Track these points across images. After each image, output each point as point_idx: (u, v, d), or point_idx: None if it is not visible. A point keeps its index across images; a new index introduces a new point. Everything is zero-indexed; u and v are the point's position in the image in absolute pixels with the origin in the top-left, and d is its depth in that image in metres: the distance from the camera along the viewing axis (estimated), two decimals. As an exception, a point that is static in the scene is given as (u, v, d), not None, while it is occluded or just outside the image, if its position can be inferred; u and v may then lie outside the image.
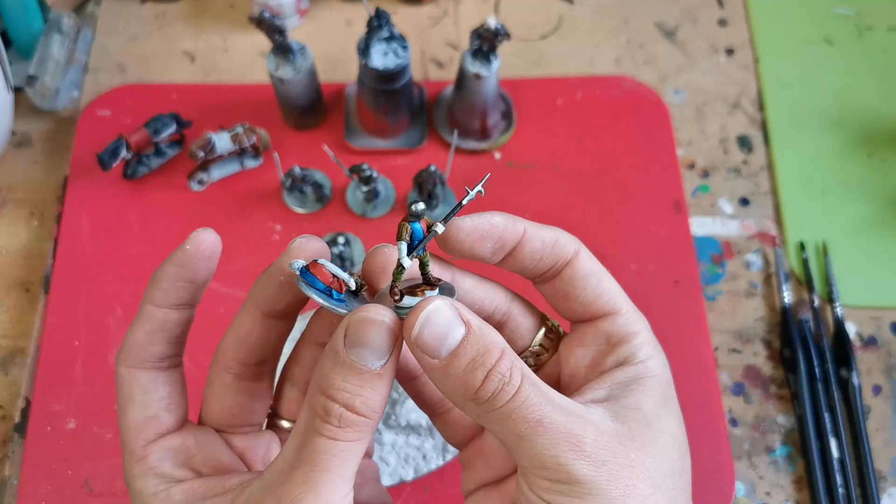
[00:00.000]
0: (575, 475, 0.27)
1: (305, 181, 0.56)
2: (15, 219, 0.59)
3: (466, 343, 0.27)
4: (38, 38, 0.61)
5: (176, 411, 0.34)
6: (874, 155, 0.62)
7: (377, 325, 0.27)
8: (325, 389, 0.28)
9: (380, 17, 0.52)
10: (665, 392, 0.31)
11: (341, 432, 0.27)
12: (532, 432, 0.27)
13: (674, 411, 0.31)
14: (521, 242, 0.32)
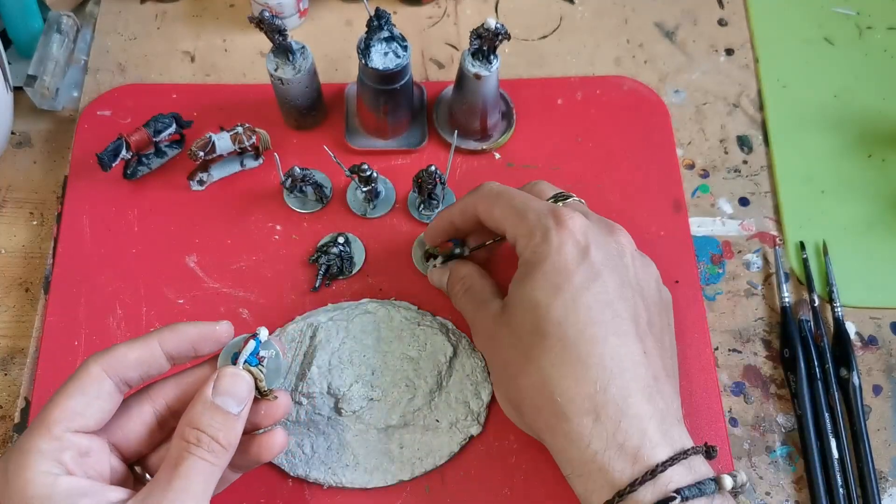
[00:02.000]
0: (476, 346, 0.48)
1: (306, 181, 0.56)
2: (15, 219, 0.59)
3: (448, 283, 0.52)
4: (37, 38, 0.61)
5: (101, 425, 0.38)
6: (874, 155, 0.62)
7: (241, 381, 0.38)
8: (197, 425, 0.36)
9: (380, 17, 0.52)
10: (530, 269, 0.42)
11: (209, 455, 0.36)
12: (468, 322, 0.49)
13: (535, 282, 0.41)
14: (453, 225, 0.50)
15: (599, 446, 0.38)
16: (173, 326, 0.40)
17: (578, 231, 0.41)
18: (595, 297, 0.40)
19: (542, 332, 0.40)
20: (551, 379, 0.39)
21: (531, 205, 0.43)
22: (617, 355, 0.39)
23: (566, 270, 0.40)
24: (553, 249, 0.41)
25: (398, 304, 0.54)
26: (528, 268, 0.41)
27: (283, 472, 0.50)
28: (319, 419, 0.49)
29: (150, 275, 0.55)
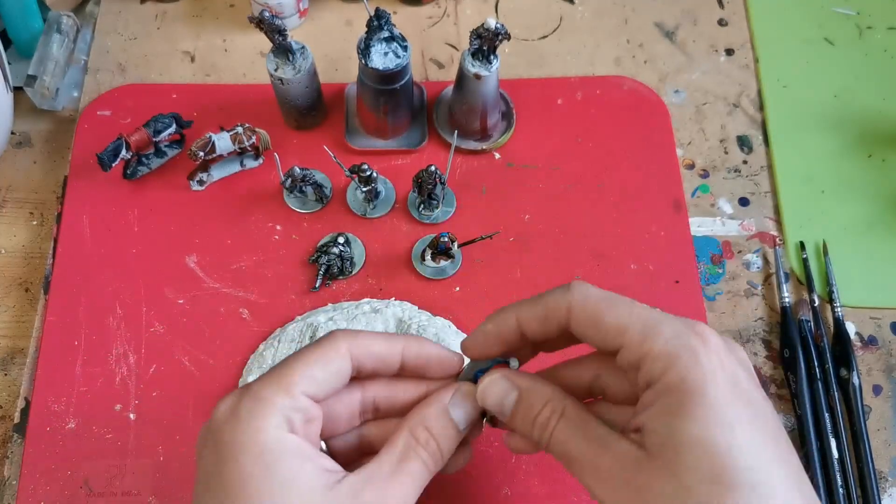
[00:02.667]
0: (599, 497, 0.34)
1: (306, 181, 0.56)
2: (15, 219, 0.59)
3: (518, 407, 0.37)
4: (37, 38, 0.61)
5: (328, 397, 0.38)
6: (874, 155, 0.62)
7: (476, 401, 0.38)
8: (430, 427, 0.37)
9: (380, 17, 0.52)
10: (688, 399, 0.32)
11: (430, 460, 0.37)
12: (567, 463, 0.36)
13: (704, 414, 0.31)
14: (518, 331, 0.38)
15: None
16: (420, 339, 0.40)
17: (721, 346, 0.34)
18: (766, 427, 0.33)
19: (731, 484, 0.30)
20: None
21: (659, 315, 0.34)
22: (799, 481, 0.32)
23: (733, 399, 0.32)
24: (709, 376, 0.32)
25: (398, 303, 0.54)
26: (683, 400, 0.32)
27: (283, 472, 0.50)
28: (319, 419, 0.49)
29: (150, 275, 0.55)
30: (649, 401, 0.33)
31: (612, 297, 0.35)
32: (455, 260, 0.56)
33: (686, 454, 0.31)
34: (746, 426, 0.32)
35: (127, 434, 0.50)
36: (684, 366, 0.32)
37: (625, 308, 0.34)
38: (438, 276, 0.56)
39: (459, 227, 0.57)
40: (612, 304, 0.35)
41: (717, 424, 0.31)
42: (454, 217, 0.58)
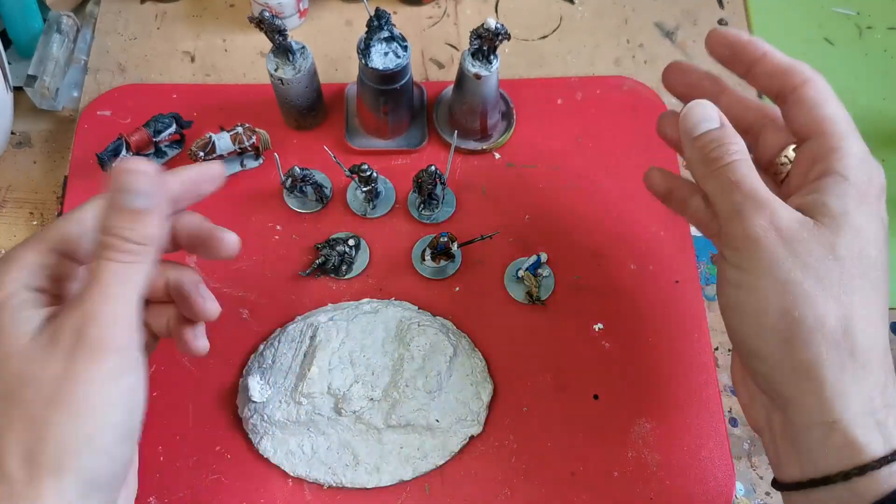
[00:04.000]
0: (750, 231, 0.37)
1: (306, 181, 0.56)
2: (15, 219, 0.59)
3: (718, 132, 0.40)
4: (37, 38, 0.61)
5: None
6: (874, 155, 0.62)
7: (139, 174, 0.36)
8: (106, 228, 0.35)
9: (380, 17, 0.52)
10: (860, 197, 0.37)
11: (121, 256, 0.35)
12: (731, 188, 0.38)
13: (868, 214, 0.37)
14: (759, 60, 0.42)
15: (878, 405, 0.36)
16: (174, 170, 0.41)
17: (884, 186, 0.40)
18: None
19: (869, 266, 0.37)
20: (860, 317, 0.36)
21: (855, 129, 0.41)
22: None
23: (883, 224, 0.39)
24: (876, 196, 0.39)
25: (398, 304, 0.54)
26: (860, 190, 0.38)
27: (283, 472, 0.50)
28: (319, 419, 0.49)
29: (150, 275, 0.55)
30: (826, 187, 0.38)
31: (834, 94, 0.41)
32: (455, 260, 0.56)
33: (851, 231, 0.37)
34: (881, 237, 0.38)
35: (127, 434, 0.50)
36: (864, 176, 0.38)
37: (840, 107, 0.40)
38: (438, 276, 0.56)
39: (459, 227, 0.57)
40: (835, 99, 0.40)
41: (880, 220, 0.38)
42: (454, 217, 0.58)
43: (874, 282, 0.37)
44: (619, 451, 0.51)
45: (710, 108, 0.40)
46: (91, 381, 0.35)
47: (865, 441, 0.35)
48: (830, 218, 0.37)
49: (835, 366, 0.36)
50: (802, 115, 0.40)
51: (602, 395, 0.53)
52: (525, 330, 0.54)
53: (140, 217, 0.36)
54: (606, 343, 0.54)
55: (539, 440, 0.51)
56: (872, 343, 0.36)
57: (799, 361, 0.36)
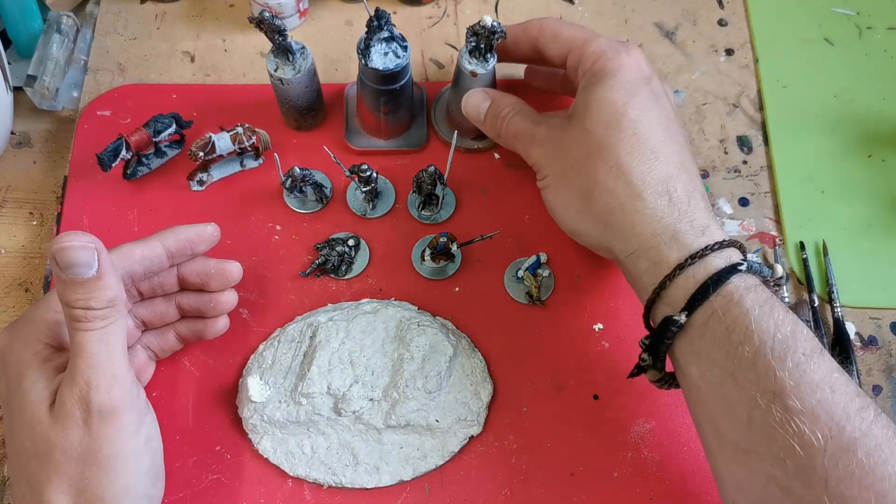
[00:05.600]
0: (535, 157, 0.51)
1: (305, 181, 0.56)
2: (15, 219, 0.59)
3: (490, 109, 0.54)
4: (37, 38, 0.61)
5: None
6: (874, 155, 0.62)
7: (75, 249, 0.38)
8: (66, 303, 0.38)
9: (380, 18, 0.52)
10: (609, 78, 0.46)
11: (91, 324, 0.38)
12: (515, 139, 0.52)
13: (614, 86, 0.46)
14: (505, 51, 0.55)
15: (672, 220, 0.43)
16: (173, 228, 0.46)
17: (643, 60, 0.48)
18: (660, 112, 0.46)
19: (619, 126, 0.45)
20: (627, 165, 0.44)
21: (599, 33, 0.50)
22: (684, 158, 0.45)
23: (637, 83, 0.46)
24: (625, 66, 0.47)
25: (398, 304, 0.54)
26: (601, 77, 0.47)
27: (283, 472, 0.50)
28: (319, 419, 0.49)
29: (150, 275, 0.55)
30: (581, 84, 0.48)
31: (569, 23, 0.51)
32: (455, 260, 0.56)
33: (593, 110, 0.46)
34: (644, 100, 0.46)
35: (127, 434, 0.50)
36: (609, 58, 0.47)
37: (579, 28, 0.50)
38: (438, 276, 0.56)
39: (459, 227, 0.57)
40: (570, 26, 0.51)
41: (620, 91, 0.46)
42: (454, 217, 0.58)
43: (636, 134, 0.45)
44: (619, 451, 0.51)
45: (477, 94, 0.54)
46: (113, 442, 0.38)
47: (667, 253, 0.42)
48: (581, 108, 0.47)
49: (628, 210, 0.44)
50: (552, 48, 0.51)
51: (602, 395, 0.53)
52: (525, 330, 0.54)
53: (93, 284, 0.38)
54: (606, 343, 0.54)
55: (539, 440, 0.51)
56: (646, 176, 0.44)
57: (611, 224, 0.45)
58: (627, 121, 0.45)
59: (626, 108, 0.45)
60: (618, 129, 0.45)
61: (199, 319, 0.50)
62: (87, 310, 0.38)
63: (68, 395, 0.38)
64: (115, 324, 0.39)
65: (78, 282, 0.38)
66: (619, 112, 0.45)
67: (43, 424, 0.38)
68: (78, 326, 0.38)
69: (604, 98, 0.46)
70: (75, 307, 0.38)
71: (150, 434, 0.41)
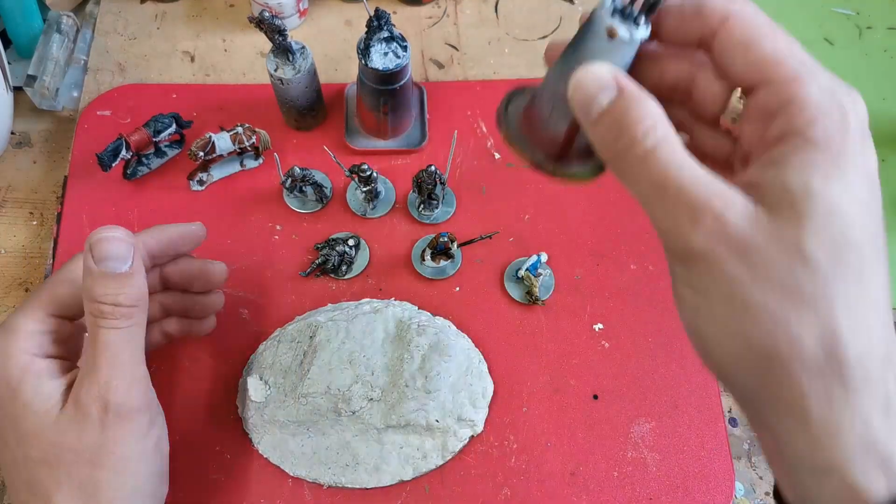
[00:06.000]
0: (689, 246, 0.27)
1: (305, 181, 0.56)
2: (15, 219, 0.59)
3: (615, 106, 0.28)
4: (37, 38, 0.61)
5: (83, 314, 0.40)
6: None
7: (113, 241, 0.37)
8: (94, 297, 0.37)
9: (379, 18, 0.52)
10: (831, 159, 0.27)
11: (117, 322, 0.37)
12: (656, 195, 0.27)
13: (844, 180, 0.27)
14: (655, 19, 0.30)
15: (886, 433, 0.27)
16: (155, 227, 0.44)
17: (866, 123, 0.29)
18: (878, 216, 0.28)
19: (846, 260, 0.27)
20: (846, 329, 0.27)
21: (812, 63, 0.29)
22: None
23: (875, 182, 0.28)
24: (856, 145, 0.28)
25: (398, 304, 0.54)
26: (828, 158, 0.27)
27: (283, 472, 0.50)
28: (319, 419, 0.49)
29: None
30: (780, 156, 0.27)
31: (774, 25, 0.29)
32: (455, 260, 0.56)
33: (818, 221, 0.26)
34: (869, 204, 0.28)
35: (127, 434, 0.50)
36: (834, 127, 0.27)
37: (785, 39, 0.28)
38: (438, 276, 0.56)
39: (459, 227, 0.57)
40: (775, 30, 0.28)
41: (861, 194, 0.27)
42: (454, 217, 0.58)
43: (861, 272, 0.27)
44: (619, 451, 0.51)
45: (602, 71, 0.28)
46: (126, 443, 0.38)
47: (866, 484, 0.27)
48: (791, 204, 0.27)
49: (820, 398, 0.27)
50: (737, 64, 0.29)
51: (602, 395, 0.53)
52: (525, 330, 0.54)
53: (125, 280, 0.38)
54: (606, 343, 0.54)
55: (539, 440, 0.51)
56: (866, 354, 0.27)
57: (776, 398, 0.28)
58: (857, 252, 0.27)
59: (864, 228, 0.27)
60: (845, 265, 0.27)
61: (184, 318, 0.49)
62: (115, 306, 0.37)
63: (86, 395, 0.37)
64: (139, 324, 0.39)
65: (110, 275, 0.37)
66: (855, 236, 0.27)
67: (52, 429, 0.37)
68: (102, 323, 0.37)
69: (838, 206, 0.27)
70: (103, 302, 0.37)
71: (161, 435, 0.41)
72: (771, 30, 0.29)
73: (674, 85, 0.32)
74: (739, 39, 0.29)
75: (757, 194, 0.27)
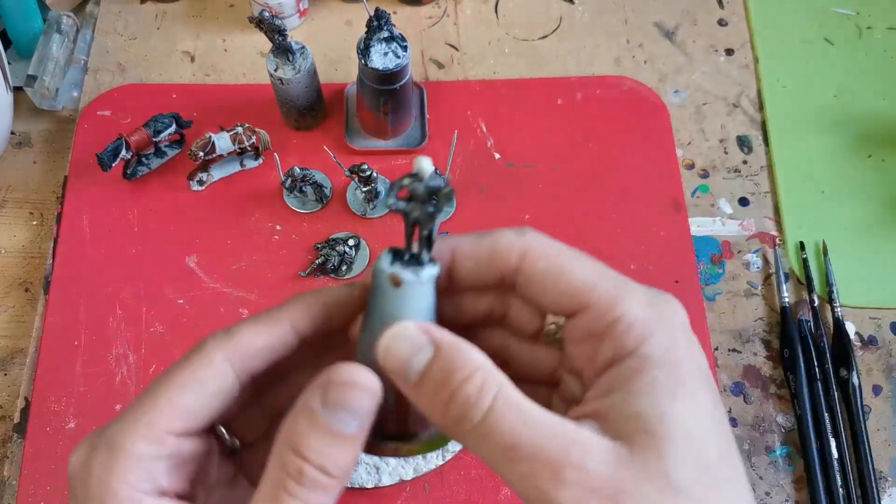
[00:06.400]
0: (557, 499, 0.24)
1: (305, 181, 0.56)
2: (15, 219, 0.59)
3: (433, 366, 0.25)
4: (37, 38, 0.61)
5: (210, 424, 0.29)
6: (874, 155, 0.62)
7: (362, 391, 0.26)
8: (299, 450, 0.26)
9: (379, 18, 0.52)
10: (671, 375, 0.26)
11: (313, 495, 0.26)
12: (507, 459, 0.24)
13: (690, 395, 0.26)
14: (453, 268, 0.28)
15: None
16: (308, 299, 0.30)
17: (689, 328, 0.28)
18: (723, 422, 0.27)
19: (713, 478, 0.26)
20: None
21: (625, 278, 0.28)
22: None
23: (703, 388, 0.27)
24: (686, 352, 0.27)
25: (398, 304, 0.54)
26: (667, 363, 0.26)
27: (283, 472, 0.50)
28: (319, 419, 0.49)
29: (150, 275, 0.55)
30: (619, 379, 0.26)
31: (572, 250, 0.28)
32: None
33: (677, 446, 0.25)
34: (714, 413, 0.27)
35: (127, 434, 0.50)
36: (665, 340, 0.26)
37: (590, 263, 0.28)
38: (438, 276, 0.56)
39: (459, 227, 0.57)
40: (577, 256, 0.28)
41: (699, 410, 0.26)
42: (454, 217, 0.58)
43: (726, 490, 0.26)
44: (618, 451, 0.51)
45: (409, 329, 0.26)
46: None
47: None
48: (647, 432, 0.25)
49: None
50: (548, 295, 0.27)
51: (602, 395, 0.53)
52: (525, 330, 0.54)
53: (348, 444, 0.27)
54: (606, 343, 0.54)
55: (539, 440, 0.51)
56: None
57: None
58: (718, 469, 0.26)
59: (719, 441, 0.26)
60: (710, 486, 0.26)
61: None
62: (321, 472, 0.26)
63: None
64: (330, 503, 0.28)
65: (335, 433, 0.26)
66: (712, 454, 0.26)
67: None
68: (296, 491, 0.26)
69: (691, 426, 0.26)
70: (309, 461, 0.26)
71: None
72: (573, 256, 0.28)
73: (488, 312, 0.30)
74: (544, 272, 0.27)
75: (609, 426, 0.25)
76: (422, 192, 0.27)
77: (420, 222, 0.27)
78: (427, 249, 0.27)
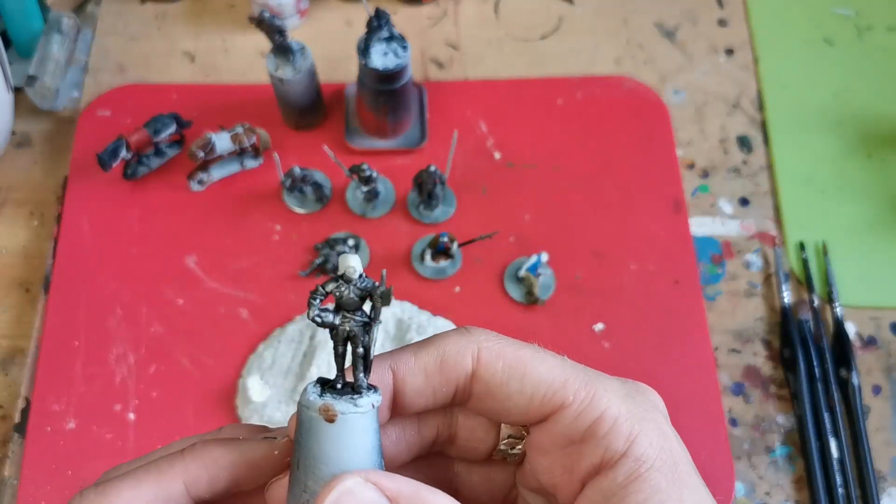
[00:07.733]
0: None
1: (305, 181, 0.56)
2: (15, 219, 0.59)
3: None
4: (37, 38, 0.61)
5: None
6: (874, 155, 0.62)
7: None
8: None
9: (379, 18, 0.52)
10: (676, 479, 0.23)
11: None
12: None
13: (698, 498, 0.23)
14: (397, 388, 0.24)
15: None
16: (214, 454, 0.24)
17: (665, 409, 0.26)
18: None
19: None
20: None
21: (592, 370, 0.26)
22: None
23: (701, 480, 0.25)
24: (674, 442, 0.24)
25: (398, 304, 0.54)
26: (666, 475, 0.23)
27: (283, 472, 0.50)
28: (319, 419, 0.49)
29: (150, 275, 0.55)
30: (614, 488, 0.23)
31: (528, 345, 0.25)
32: (455, 260, 0.56)
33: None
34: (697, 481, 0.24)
35: (127, 434, 0.50)
36: (656, 438, 0.24)
37: (552, 358, 0.25)
38: (438, 277, 0.56)
39: (459, 227, 0.57)
40: (535, 351, 0.25)
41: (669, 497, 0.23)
42: (454, 217, 0.58)
43: None
44: (618, 451, 0.51)
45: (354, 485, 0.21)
46: None
47: None
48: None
49: None
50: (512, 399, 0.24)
51: (602, 395, 0.53)
52: (525, 330, 0.54)
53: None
54: (606, 343, 0.54)
55: (539, 440, 0.51)
56: None
57: None
58: None
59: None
60: None
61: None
62: None
63: None
64: None
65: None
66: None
67: None
68: None
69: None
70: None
71: None
72: (532, 351, 0.25)
73: (434, 437, 0.26)
74: (505, 374, 0.24)
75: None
76: (352, 299, 0.22)
77: (352, 338, 0.23)
78: (364, 372, 0.23)
